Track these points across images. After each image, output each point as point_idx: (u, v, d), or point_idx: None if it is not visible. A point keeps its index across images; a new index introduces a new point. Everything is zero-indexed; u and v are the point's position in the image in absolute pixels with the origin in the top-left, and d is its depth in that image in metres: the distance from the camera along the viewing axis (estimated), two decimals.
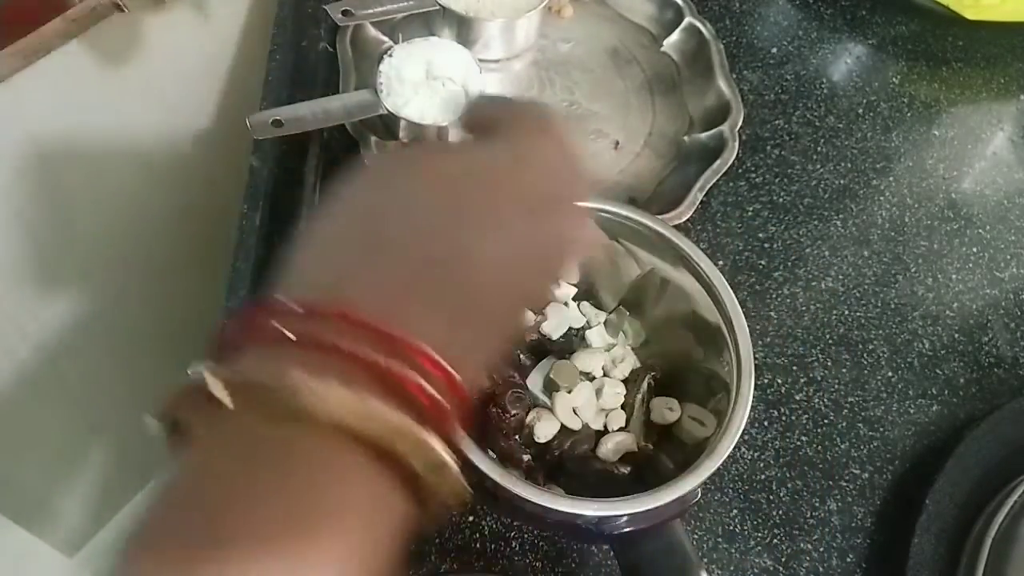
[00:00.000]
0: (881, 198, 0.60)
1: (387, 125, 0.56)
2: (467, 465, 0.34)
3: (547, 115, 0.30)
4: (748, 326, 0.40)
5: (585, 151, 0.58)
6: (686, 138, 0.59)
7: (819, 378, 0.52)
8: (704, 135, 0.58)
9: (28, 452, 0.84)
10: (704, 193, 0.55)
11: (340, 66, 0.58)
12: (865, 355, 0.53)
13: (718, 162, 0.56)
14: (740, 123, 0.58)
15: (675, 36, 0.64)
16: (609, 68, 0.63)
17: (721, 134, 0.57)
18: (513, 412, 0.40)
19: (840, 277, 0.56)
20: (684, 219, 0.54)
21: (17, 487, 0.87)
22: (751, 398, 0.38)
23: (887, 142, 0.63)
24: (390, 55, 0.54)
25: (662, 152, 0.59)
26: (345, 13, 0.58)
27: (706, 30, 0.63)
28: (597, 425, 0.43)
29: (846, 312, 0.55)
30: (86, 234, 0.71)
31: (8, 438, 0.80)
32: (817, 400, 0.51)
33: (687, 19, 0.63)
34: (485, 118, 0.30)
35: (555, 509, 0.34)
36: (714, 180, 0.55)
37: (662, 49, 0.64)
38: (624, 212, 0.42)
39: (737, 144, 0.57)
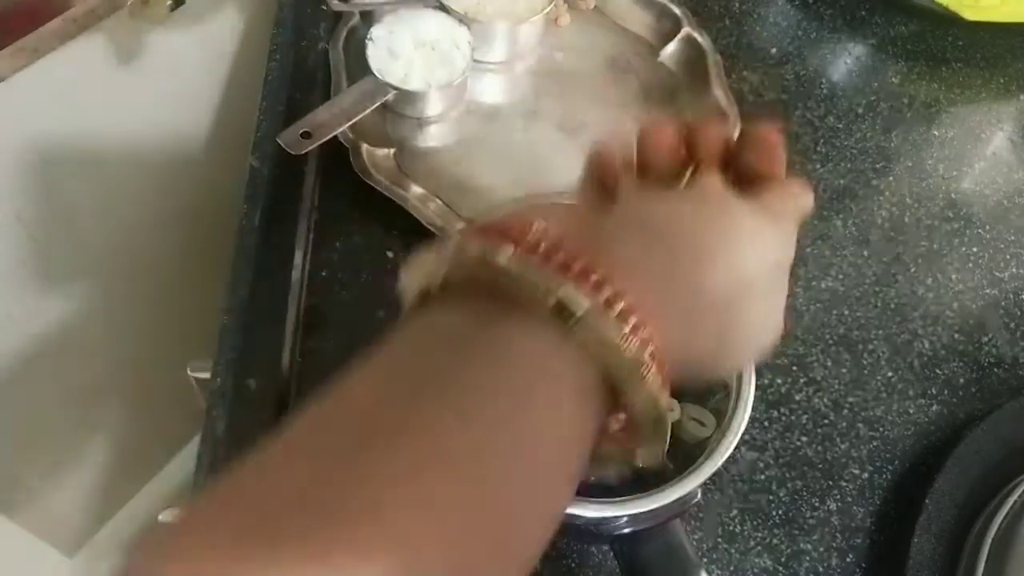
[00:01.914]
0: (881, 198, 0.60)
1: (391, 112, 0.56)
2: None
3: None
4: None
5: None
6: None
7: (819, 378, 0.52)
8: None
9: (28, 451, 0.84)
10: None
11: (332, 72, 0.57)
12: (865, 355, 0.53)
13: None
14: (736, 134, 0.58)
15: (672, 46, 0.63)
16: (605, 78, 0.62)
17: None
18: None
19: (840, 277, 0.56)
20: None
21: (17, 487, 0.87)
22: (751, 398, 0.38)
23: (887, 142, 0.63)
24: (371, 39, 0.55)
25: None
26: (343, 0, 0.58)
27: (704, 41, 0.62)
28: None
29: (846, 312, 0.55)
30: (85, 234, 0.71)
31: (8, 438, 0.80)
32: (817, 400, 0.51)
33: (685, 29, 0.63)
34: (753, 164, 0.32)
35: None
36: None
37: (659, 59, 0.63)
38: None
39: None
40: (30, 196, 0.62)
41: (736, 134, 0.56)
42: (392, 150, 0.55)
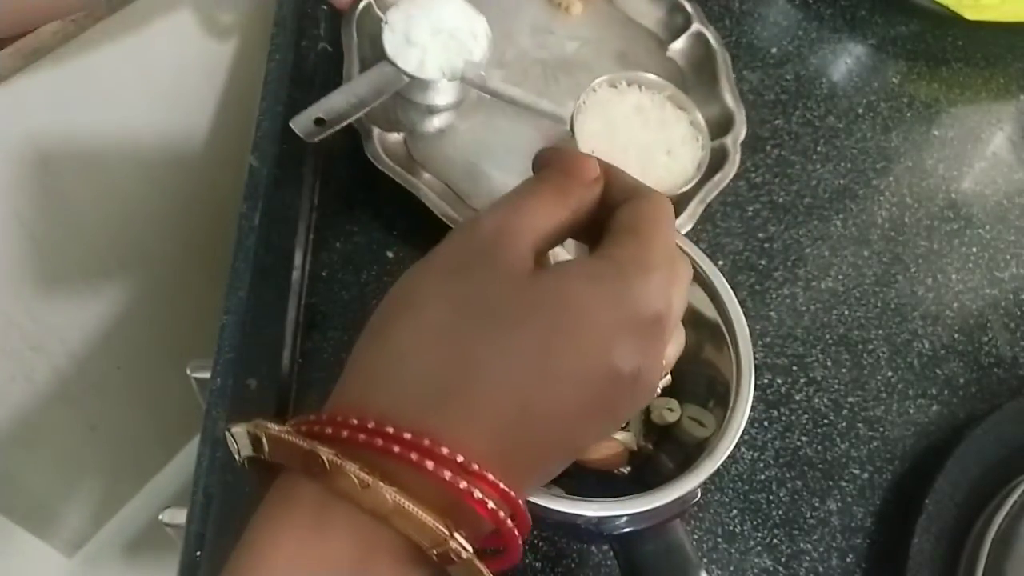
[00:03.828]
0: (881, 198, 0.60)
1: (402, 98, 0.56)
2: None
3: (664, 207, 0.28)
4: (748, 326, 0.40)
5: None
6: None
7: (819, 378, 0.52)
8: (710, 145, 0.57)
9: (28, 452, 0.84)
10: (705, 205, 0.54)
11: (344, 52, 0.56)
12: (865, 355, 0.53)
13: (719, 175, 0.55)
14: (743, 136, 0.58)
15: (681, 42, 0.63)
16: (614, 71, 0.62)
17: (724, 146, 0.57)
18: None
19: (840, 277, 0.56)
20: (686, 231, 0.53)
21: (17, 487, 0.87)
22: (751, 398, 0.38)
23: (887, 142, 0.63)
24: (386, 22, 0.54)
25: None
26: None
27: (713, 38, 0.62)
28: None
29: (846, 312, 0.55)
30: (85, 234, 0.71)
31: (8, 438, 0.80)
32: (817, 400, 0.51)
33: (695, 25, 0.62)
34: (608, 198, 0.29)
35: (555, 509, 0.34)
36: (715, 193, 0.55)
37: (667, 54, 0.63)
38: None
39: (739, 157, 0.56)
40: (30, 196, 0.62)
41: (743, 135, 0.56)
42: (403, 135, 0.55)
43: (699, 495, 0.37)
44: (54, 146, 0.61)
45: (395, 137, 0.55)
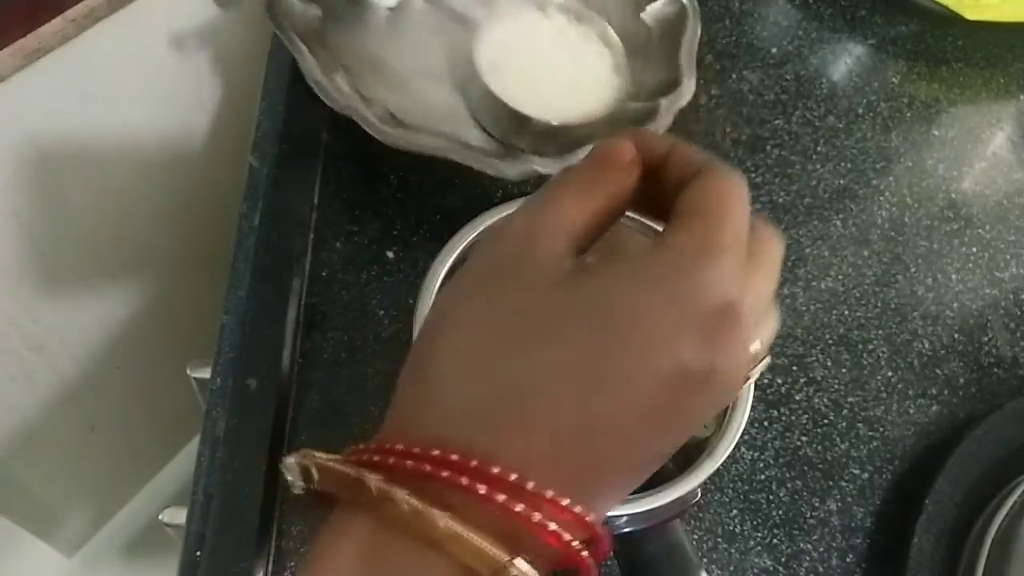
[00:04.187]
0: (881, 198, 0.60)
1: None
2: None
3: (735, 184, 0.25)
4: None
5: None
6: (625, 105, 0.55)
7: (819, 378, 0.52)
8: (638, 104, 0.54)
9: (28, 452, 0.84)
10: None
11: None
12: (865, 355, 0.53)
13: None
14: (683, 102, 0.55)
15: (657, 4, 0.60)
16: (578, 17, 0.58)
17: (656, 106, 0.54)
18: None
19: (840, 277, 0.56)
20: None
21: (17, 487, 0.87)
22: (751, 398, 0.38)
23: (887, 142, 0.63)
24: None
25: None
26: None
27: (689, 4, 0.59)
28: None
29: (846, 312, 0.55)
30: (85, 234, 0.71)
31: (8, 438, 0.80)
32: (817, 400, 0.51)
33: None
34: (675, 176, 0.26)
35: None
36: None
37: (641, 16, 0.60)
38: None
39: (669, 121, 0.54)
40: (29, 195, 0.62)
41: (682, 101, 0.54)
42: (320, 10, 0.53)
43: (699, 495, 0.37)
44: (53, 145, 0.61)
45: (312, 9, 0.52)
